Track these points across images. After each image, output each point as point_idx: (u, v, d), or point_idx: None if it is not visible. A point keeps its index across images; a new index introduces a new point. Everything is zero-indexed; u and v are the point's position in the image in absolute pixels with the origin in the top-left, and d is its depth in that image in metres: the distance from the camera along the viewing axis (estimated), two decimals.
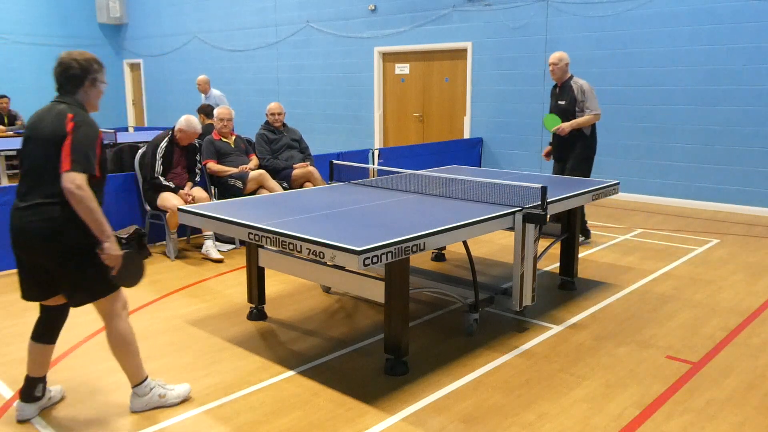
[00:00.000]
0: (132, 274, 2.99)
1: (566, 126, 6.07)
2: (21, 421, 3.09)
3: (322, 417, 3.14)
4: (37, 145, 2.86)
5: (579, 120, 6.09)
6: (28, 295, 3.06)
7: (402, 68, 11.47)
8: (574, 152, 6.20)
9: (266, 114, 7.03)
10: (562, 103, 6.18)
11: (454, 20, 10.51)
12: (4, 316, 4.55)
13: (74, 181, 2.70)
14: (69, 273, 2.88)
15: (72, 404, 3.28)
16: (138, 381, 3.13)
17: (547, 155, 6.59)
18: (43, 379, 3.14)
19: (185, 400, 3.26)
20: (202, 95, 10.60)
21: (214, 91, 10.63)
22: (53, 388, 3.31)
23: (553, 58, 6.23)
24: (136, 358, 3.10)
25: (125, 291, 3.08)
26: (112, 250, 2.82)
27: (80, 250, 2.84)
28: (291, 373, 3.61)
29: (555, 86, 6.38)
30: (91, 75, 2.97)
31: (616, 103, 8.95)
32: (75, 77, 2.94)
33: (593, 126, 6.23)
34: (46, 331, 3.12)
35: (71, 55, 2.98)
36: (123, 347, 3.04)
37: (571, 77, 6.22)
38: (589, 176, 6.20)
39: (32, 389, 3.10)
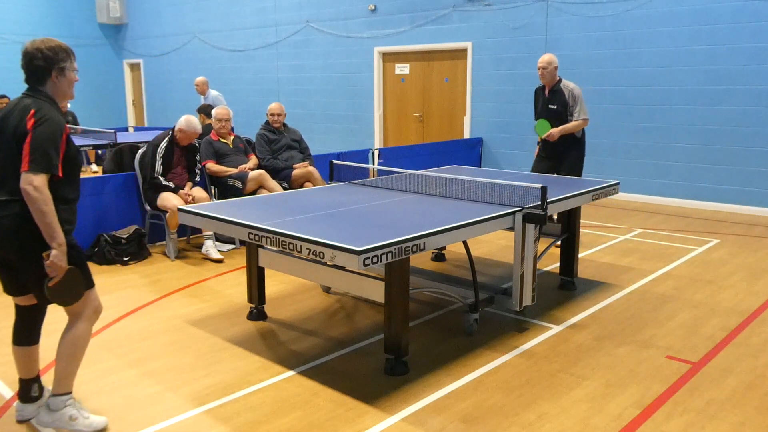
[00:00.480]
0: (66, 293, 2.78)
1: (556, 132, 6.04)
2: (21, 421, 3.08)
3: (322, 417, 3.14)
4: (2, 142, 2.76)
5: (568, 126, 6.06)
6: (6, 288, 3.00)
7: (402, 68, 11.47)
8: (569, 156, 6.18)
9: (267, 114, 7.03)
10: (554, 107, 6.12)
11: (454, 20, 10.51)
12: (4, 316, 4.54)
13: (31, 182, 2.60)
14: (32, 270, 2.77)
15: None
16: (59, 391, 2.90)
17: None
18: (36, 379, 3.10)
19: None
20: (201, 96, 10.61)
21: (212, 92, 10.62)
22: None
23: (542, 61, 6.12)
24: (73, 368, 2.90)
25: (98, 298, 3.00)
26: (57, 258, 2.66)
27: (43, 248, 2.70)
28: (291, 373, 3.61)
29: (542, 89, 6.31)
30: (58, 65, 2.82)
31: (616, 103, 8.95)
32: (40, 68, 2.81)
33: (583, 129, 6.24)
34: (25, 333, 3.05)
35: (35, 45, 2.82)
36: (70, 350, 2.88)
37: (560, 80, 6.17)
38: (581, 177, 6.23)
39: (28, 390, 3.07)
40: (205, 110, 9.06)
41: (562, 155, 6.19)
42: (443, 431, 3.01)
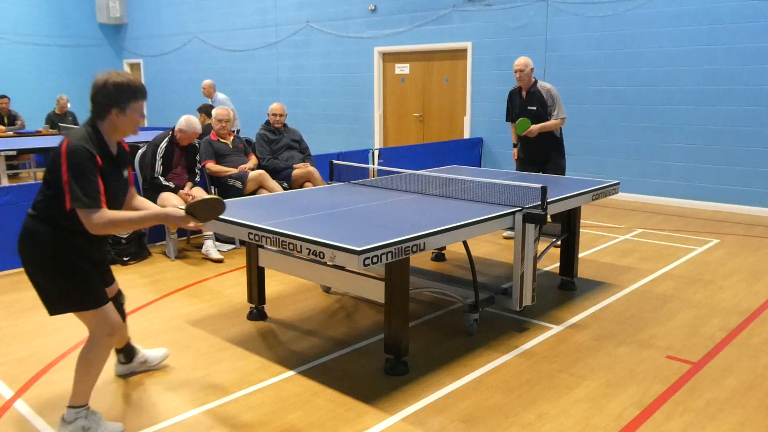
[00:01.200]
0: (209, 214, 2.88)
1: (536, 129, 6.14)
2: (117, 375, 3.55)
3: (322, 417, 3.14)
4: (48, 166, 2.82)
5: (547, 124, 6.20)
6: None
7: (402, 68, 11.47)
8: (551, 157, 6.33)
9: (268, 114, 7.03)
10: (533, 108, 6.23)
11: (454, 20, 10.51)
12: (4, 316, 4.55)
13: (91, 221, 2.67)
14: (31, 279, 2.88)
15: None
16: (73, 404, 2.93)
17: (516, 158, 6.66)
18: (122, 350, 3.50)
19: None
20: (208, 99, 10.56)
21: (219, 95, 10.57)
22: (151, 351, 3.65)
23: (519, 64, 6.18)
24: (87, 384, 2.92)
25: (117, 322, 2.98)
26: (175, 221, 2.83)
27: (41, 264, 2.79)
28: (291, 373, 3.62)
29: (518, 91, 6.39)
30: (120, 104, 2.79)
31: (616, 103, 8.95)
32: (98, 105, 2.81)
33: (561, 129, 6.40)
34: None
35: (105, 79, 2.81)
36: (85, 368, 2.91)
37: (535, 82, 6.28)
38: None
39: (116, 356, 3.53)
40: (205, 110, 9.06)
41: (545, 156, 6.34)
42: (443, 431, 3.01)
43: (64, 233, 2.80)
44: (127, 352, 3.52)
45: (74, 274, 2.81)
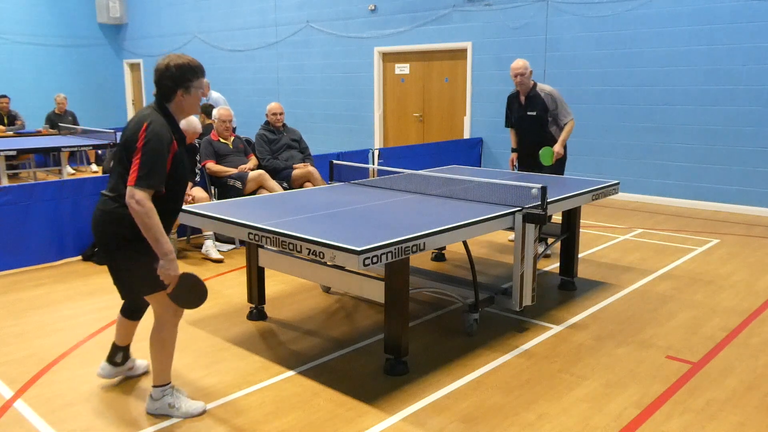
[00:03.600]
0: (188, 296, 2.92)
1: (559, 149, 5.84)
2: (99, 376, 3.43)
3: (322, 417, 3.14)
4: (119, 144, 2.92)
5: (564, 136, 5.90)
6: None
7: (402, 68, 11.47)
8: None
9: (266, 114, 7.03)
10: (533, 113, 5.92)
11: (454, 20, 10.51)
12: (4, 316, 4.55)
13: (133, 196, 2.73)
14: (112, 265, 3.00)
15: (72, 404, 3.28)
16: (157, 383, 3.11)
17: (514, 164, 6.32)
18: (123, 348, 3.42)
19: (194, 417, 3.13)
20: (203, 98, 10.54)
21: (213, 94, 10.52)
22: (139, 361, 3.57)
23: (519, 68, 5.83)
24: (165, 363, 3.08)
25: None
26: (164, 268, 2.81)
27: (124, 246, 2.89)
28: (291, 373, 3.62)
29: (515, 96, 6.08)
30: (185, 83, 2.91)
31: (616, 103, 8.95)
32: (166, 88, 2.91)
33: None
34: (129, 310, 3.34)
35: (165, 62, 2.92)
36: (158, 349, 3.06)
37: (534, 85, 5.95)
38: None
39: (114, 354, 3.42)
40: (205, 110, 9.06)
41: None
42: (443, 431, 3.01)
43: None
44: (126, 353, 3.48)
45: (153, 256, 2.89)
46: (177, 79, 2.89)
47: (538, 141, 5.93)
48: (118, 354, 3.44)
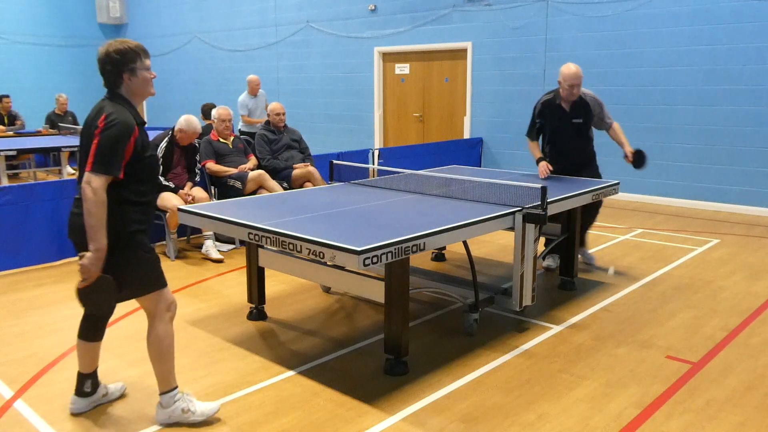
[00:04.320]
0: (94, 299, 2.79)
1: (630, 152, 5.33)
2: (74, 414, 3.15)
3: (322, 417, 3.14)
4: (82, 144, 2.85)
5: (623, 138, 5.43)
6: None
7: (402, 68, 11.47)
8: (590, 161, 5.64)
9: (268, 114, 7.03)
10: (579, 121, 5.35)
11: (454, 20, 10.51)
12: (4, 316, 4.55)
13: (90, 182, 2.67)
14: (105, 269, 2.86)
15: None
16: (164, 389, 3.01)
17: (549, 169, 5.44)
18: (91, 375, 3.17)
19: (210, 421, 3.07)
20: (249, 96, 9.77)
21: (261, 91, 10.01)
22: (111, 385, 3.33)
23: (575, 77, 5.15)
24: (167, 366, 2.99)
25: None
26: (88, 261, 2.68)
27: (119, 247, 2.78)
28: (291, 373, 3.61)
29: (555, 104, 5.36)
30: (128, 66, 2.82)
31: (616, 103, 8.94)
32: (110, 73, 2.83)
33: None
34: (89, 329, 3.12)
35: (104, 49, 2.82)
36: (156, 352, 2.96)
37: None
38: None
39: (81, 384, 3.17)
40: (203, 110, 9.06)
41: (583, 163, 5.56)
42: (443, 431, 3.01)
43: (125, 208, 2.80)
44: (95, 380, 3.21)
45: (148, 251, 2.87)
46: (119, 64, 2.81)
47: (579, 148, 5.49)
48: (86, 383, 3.16)
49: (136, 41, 2.90)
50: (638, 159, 5.39)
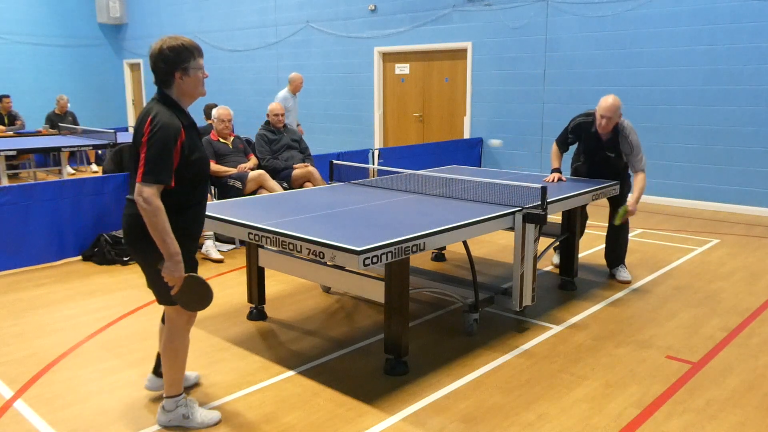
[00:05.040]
0: (195, 299, 2.81)
1: (634, 208, 4.97)
2: (147, 388, 3.34)
3: (322, 417, 3.14)
4: (132, 146, 2.80)
5: (638, 194, 5.02)
6: None
7: (402, 68, 11.47)
8: (624, 173, 5.39)
9: (268, 115, 7.02)
10: (612, 155, 5.18)
11: (454, 20, 10.51)
12: (4, 316, 4.54)
13: (141, 193, 2.61)
14: (144, 269, 2.90)
15: (72, 404, 3.28)
16: (170, 394, 3.02)
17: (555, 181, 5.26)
18: None
19: (209, 428, 3.06)
20: (290, 94, 9.39)
21: (280, 94, 9.94)
22: (188, 372, 3.42)
23: (607, 109, 4.91)
24: (178, 373, 3.00)
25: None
26: (168, 270, 2.70)
27: (149, 250, 2.75)
28: (291, 373, 3.61)
29: (591, 127, 5.16)
30: (181, 65, 2.74)
31: None
32: (162, 71, 2.75)
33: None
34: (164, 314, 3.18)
35: (158, 46, 2.73)
36: (170, 358, 2.98)
37: (617, 124, 5.07)
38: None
39: (158, 366, 3.30)
40: (206, 111, 9.05)
41: (615, 176, 5.34)
42: (443, 431, 3.01)
43: (173, 216, 2.73)
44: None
45: (192, 263, 2.84)
46: (172, 62, 2.73)
47: (611, 166, 5.30)
48: (157, 367, 3.32)
49: (190, 39, 2.80)
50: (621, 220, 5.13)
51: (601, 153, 5.23)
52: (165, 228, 2.65)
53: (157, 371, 3.32)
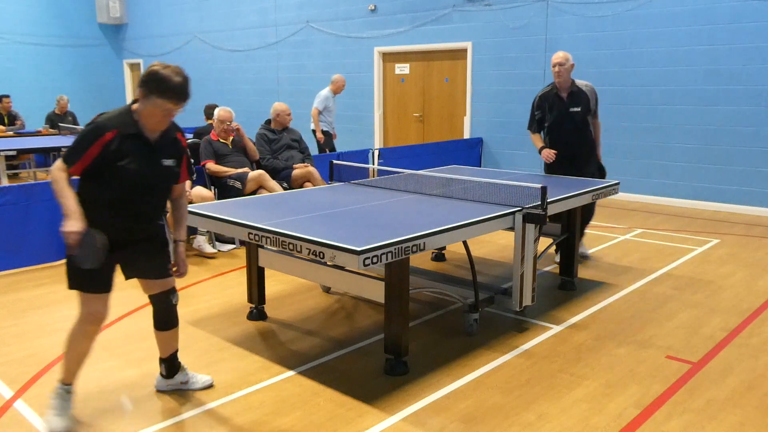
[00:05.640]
0: (87, 256, 2.81)
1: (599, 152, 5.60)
2: (155, 387, 3.38)
3: (322, 417, 3.14)
4: None
5: (599, 138, 5.63)
6: None
7: (402, 68, 11.47)
8: (592, 152, 5.75)
9: (274, 114, 6.98)
10: (577, 109, 5.45)
11: (454, 20, 10.51)
12: (4, 316, 4.54)
13: (55, 163, 2.85)
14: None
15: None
16: (59, 378, 3.07)
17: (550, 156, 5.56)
18: (164, 360, 3.32)
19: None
20: (331, 94, 9.74)
21: (323, 92, 9.94)
22: (199, 376, 3.43)
23: (559, 57, 5.37)
24: (68, 363, 3.03)
25: (102, 307, 3.01)
26: (67, 225, 2.74)
27: None
28: (291, 373, 3.61)
29: (553, 94, 5.51)
30: (144, 90, 2.86)
31: (616, 103, 8.95)
32: (139, 85, 2.90)
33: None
34: (154, 320, 3.27)
35: (152, 67, 2.88)
36: (66, 345, 3.02)
37: (574, 81, 5.52)
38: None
39: (160, 366, 3.36)
40: (207, 111, 9.06)
41: (581, 161, 5.63)
42: (443, 431, 3.01)
43: (87, 204, 2.87)
44: (170, 366, 3.33)
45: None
46: (142, 82, 2.86)
47: (578, 141, 5.57)
48: (162, 366, 3.34)
49: (182, 80, 2.84)
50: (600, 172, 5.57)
51: (567, 114, 5.50)
52: (61, 192, 2.79)
53: (160, 371, 3.36)
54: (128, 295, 4.99)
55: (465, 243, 4.09)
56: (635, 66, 8.71)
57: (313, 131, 9.70)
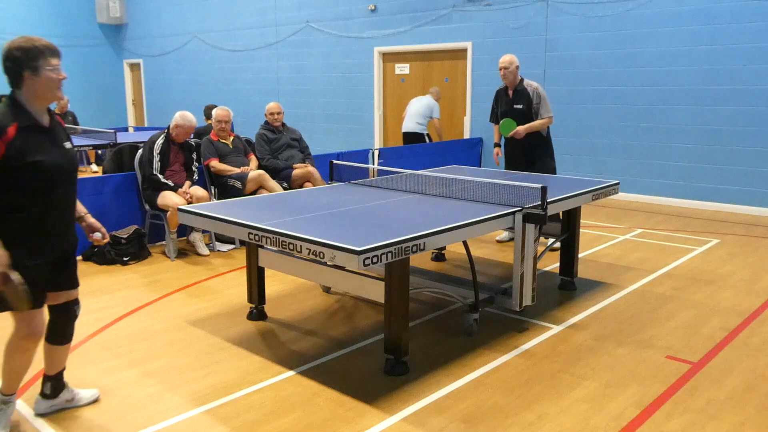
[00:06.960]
0: (11, 298, 2.66)
1: (522, 130, 6.06)
2: (35, 412, 3.15)
3: (322, 417, 3.14)
4: None
5: (534, 124, 6.10)
6: None
7: (402, 68, 11.47)
8: (540, 156, 6.23)
9: (266, 114, 7.03)
10: (520, 107, 6.13)
11: (454, 20, 10.51)
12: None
13: None
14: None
15: None
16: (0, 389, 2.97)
17: (498, 156, 6.68)
18: (50, 378, 3.13)
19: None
20: (435, 101, 9.86)
21: (424, 99, 9.99)
22: (85, 391, 3.28)
23: (503, 62, 6.10)
24: (6, 374, 2.93)
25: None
26: None
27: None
28: (291, 373, 3.62)
29: (504, 90, 6.32)
30: (29, 64, 2.65)
31: (616, 103, 8.95)
32: (10, 72, 2.68)
33: (548, 127, 6.29)
34: (48, 330, 3.05)
35: (8, 46, 2.67)
36: (5, 358, 2.90)
37: (522, 80, 6.18)
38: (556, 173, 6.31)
39: (42, 386, 3.15)
40: (207, 111, 9.06)
41: (533, 157, 6.22)
42: (443, 431, 3.01)
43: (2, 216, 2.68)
44: (56, 385, 3.14)
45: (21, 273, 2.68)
46: (20, 61, 2.65)
47: (523, 136, 6.11)
48: (45, 385, 3.13)
49: (46, 40, 2.71)
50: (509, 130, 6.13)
51: (511, 109, 6.19)
52: None
53: (41, 391, 3.14)
54: (128, 295, 5.00)
55: (465, 243, 4.09)
56: (635, 66, 8.71)
57: (428, 136, 9.85)
